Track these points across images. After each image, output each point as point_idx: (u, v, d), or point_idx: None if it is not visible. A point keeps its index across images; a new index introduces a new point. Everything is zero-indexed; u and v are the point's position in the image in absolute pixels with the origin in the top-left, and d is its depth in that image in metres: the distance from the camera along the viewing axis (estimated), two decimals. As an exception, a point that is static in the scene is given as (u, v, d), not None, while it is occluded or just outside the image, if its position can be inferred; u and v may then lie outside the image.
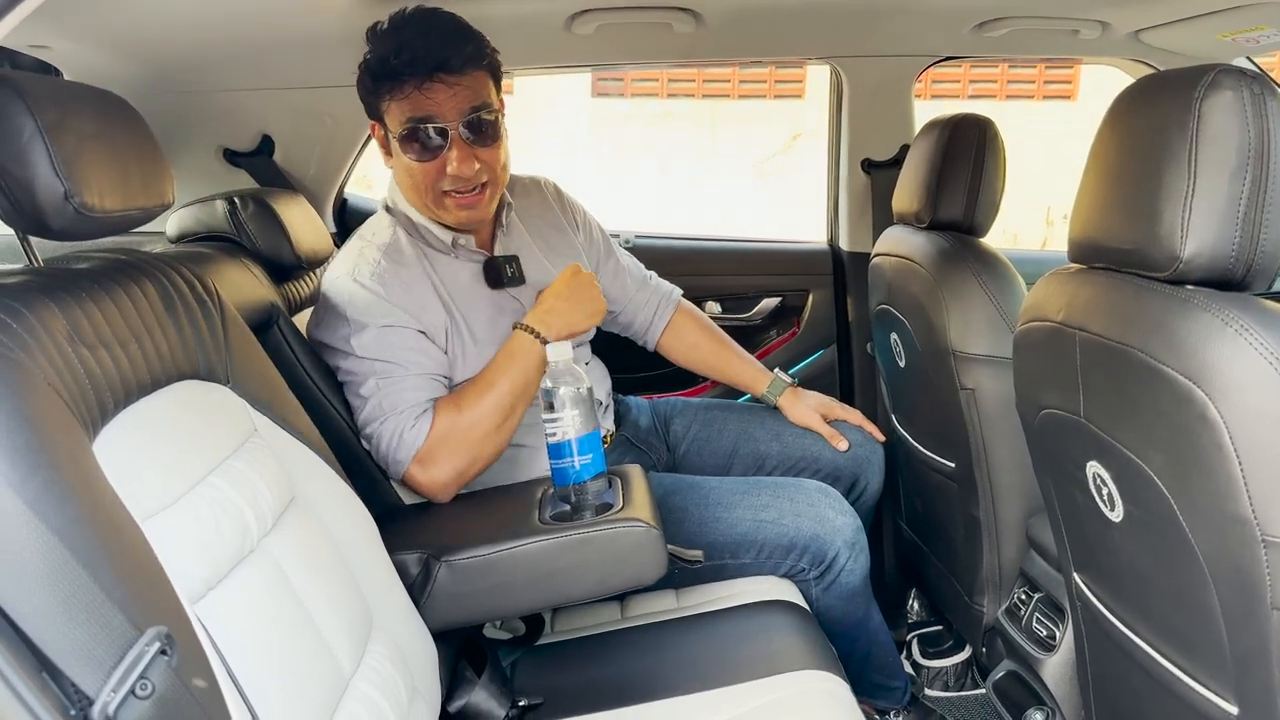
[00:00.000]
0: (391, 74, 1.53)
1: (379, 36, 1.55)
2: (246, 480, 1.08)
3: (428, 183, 1.59)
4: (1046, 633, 1.57)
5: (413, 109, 1.54)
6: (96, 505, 0.81)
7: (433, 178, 1.58)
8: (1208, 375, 0.91)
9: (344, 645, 1.13)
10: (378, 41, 1.55)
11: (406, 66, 1.51)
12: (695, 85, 11.73)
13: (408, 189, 1.65)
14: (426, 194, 1.61)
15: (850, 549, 1.69)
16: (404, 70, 1.51)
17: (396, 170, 1.66)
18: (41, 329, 0.89)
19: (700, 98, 11.76)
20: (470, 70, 1.54)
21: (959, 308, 1.68)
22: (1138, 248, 1.02)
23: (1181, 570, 1.01)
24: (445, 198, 1.60)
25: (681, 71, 11.52)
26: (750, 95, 11.83)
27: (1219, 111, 0.95)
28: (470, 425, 1.55)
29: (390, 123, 1.58)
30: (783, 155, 10.66)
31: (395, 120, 1.57)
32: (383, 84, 1.55)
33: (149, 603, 0.80)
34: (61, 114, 0.93)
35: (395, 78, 1.53)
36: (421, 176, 1.59)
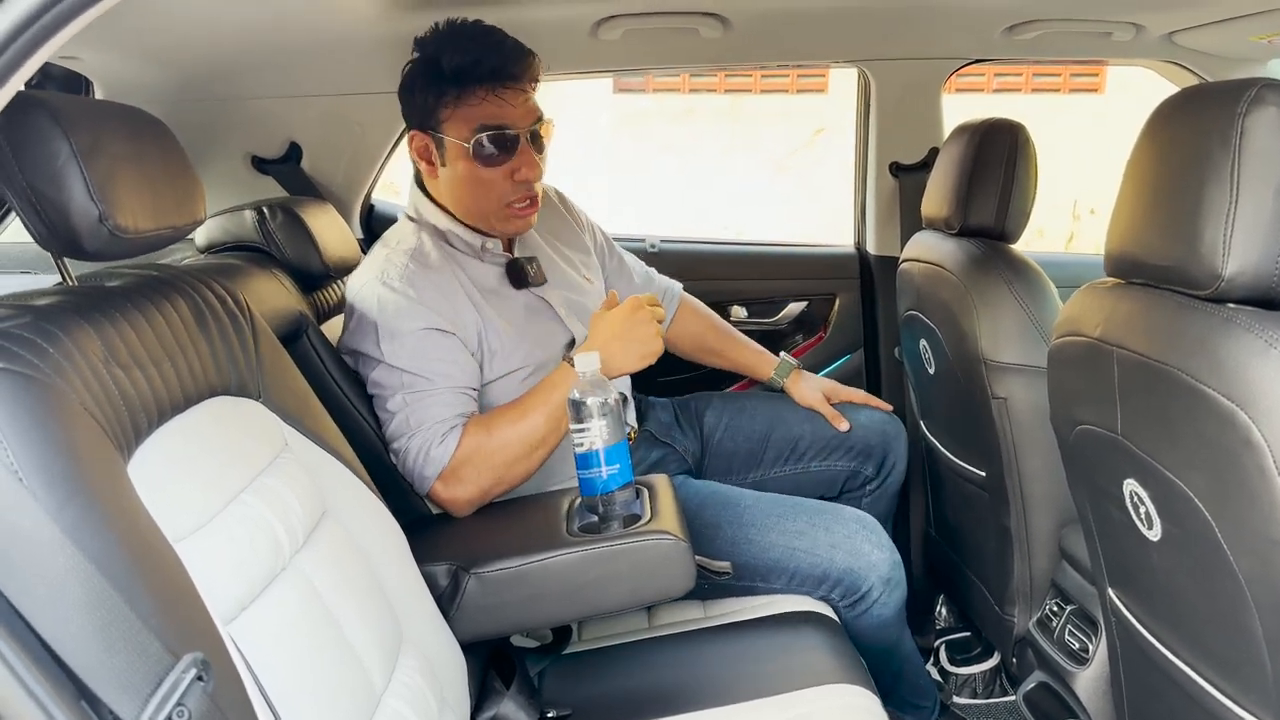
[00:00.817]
0: (464, 79, 1.56)
1: (441, 43, 1.58)
2: (278, 496, 1.08)
3: (497, 192, 1.62)
4: (1079, 645, 1.55)
5: (485, 116, 1.58)
6: (132, 530, 0.82)
7: (502, 186, 1.62)
8: (1252, 398, 0.89)
9: (375, 659, 1.13)
10: (441, 49, 1.57)
11: (488, 74, 1.56)
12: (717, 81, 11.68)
13: (467, 200, 1.66)
14: (493, 204, 1.64)
15: (885, 585, 1.66)
16: (485, 78, 1.56)
17: (450, 181, 1.66)
18: (77, 352, 0.89)
19: (723, 93, 11.71)
20: (531, 83, 1.63)
21: (990, 315, 1.66)
22: (1178, 264, 1.00)
23: (1222, 592, 0.99)
24: (507, 208, 1.64)
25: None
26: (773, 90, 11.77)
27: (1263, 126, 0.93)
28: (497, 449, 1.55)
29: (451, 130, 1.60)
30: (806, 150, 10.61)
31: (460, 127, 1.59)
32: (450, 90, 1.58)
33: (185, 628, 0.81)
34: (95, 136, 0.93)
35: (467, 84, 1.57)
36: (490, 185, 1.62)
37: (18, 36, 0.70)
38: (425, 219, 1.70)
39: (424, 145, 1.65)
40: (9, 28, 0.69)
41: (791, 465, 2.01)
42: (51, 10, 0.75)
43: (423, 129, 1.64)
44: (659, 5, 1.81)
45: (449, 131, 1.61)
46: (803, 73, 11.70)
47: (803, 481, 1.99)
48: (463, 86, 1.57)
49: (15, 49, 0.70)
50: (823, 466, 2.00)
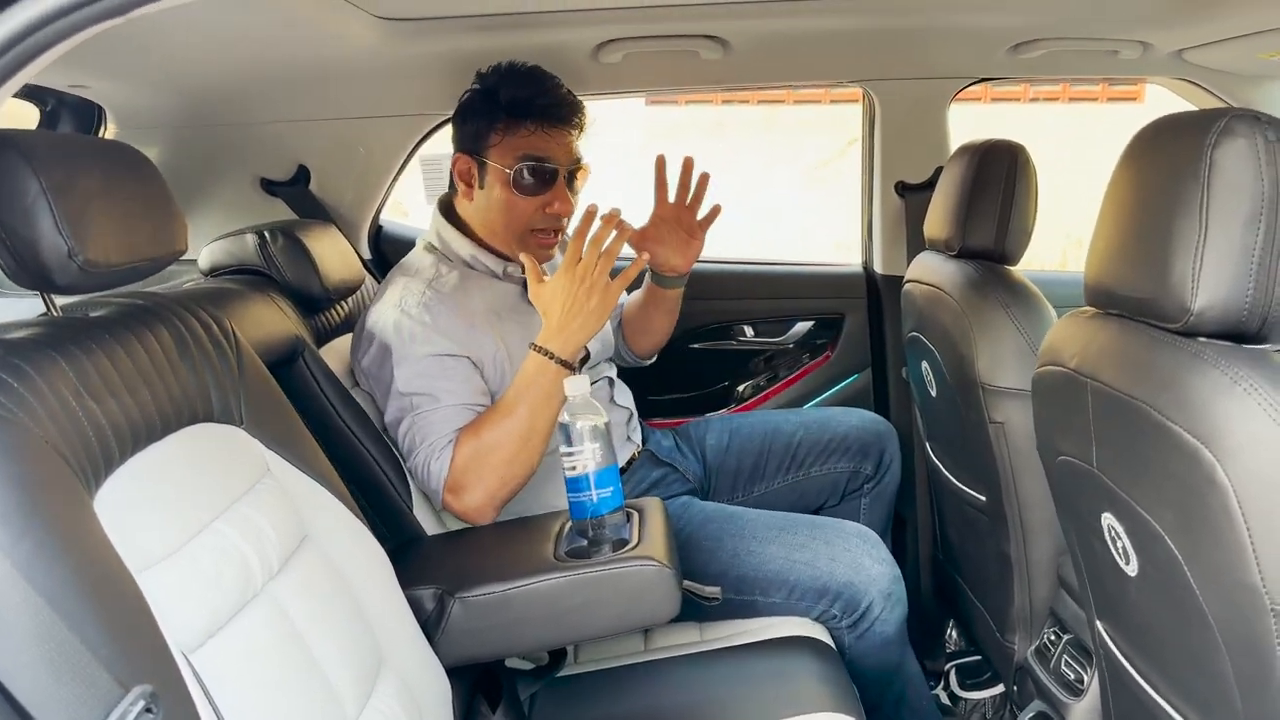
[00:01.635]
0: (530, 112, 1.67)
1: (504, 79, 1.69)
2: (253, 525, 1.09)
3: (524, 218, 1.70)
4: (1074, 676, 1.53)
5: (531, 148, 1.67)
6: (89, 563, 0.83)
7: (531, 213, 1.70)
8: (1216, 436, 0.87)
9: (349, 686, 1.14)
10: (504, 83, 1.68)
11: (550, 109, 1.67)
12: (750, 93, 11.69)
13: (496, 221, 1.72)
14: (516, 228, 1.71)
15: (886, 600, 1.66)
16: (536, 113, 1.67)
17: (483, 203, 1.73)
18: (46, 386, 0.91)
19: (755, 104, 11.70)
20: (578, 129, 1.74)
21: (987, 339, 1.64)
22: (1150, 297, 0.98)
23: (1195, 632, 0.97)
24: (530, 235, 1.71)
25: (737, 78, 11.49)
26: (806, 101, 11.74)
27: (1232, 159, 0.92)
28: (491, 449, 1.57)
29: (496, 157, 1.68)
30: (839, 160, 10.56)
31: (506, 155, 1.68)
32: (502, 119, 1.67)
33: (137, 660, 0.82)
34: (66, 173, 0.95)
35: (528, 116, 1.67)
36: (520, 210, 1.69)
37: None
38: (449, 246, 1.76)
39: (467, 168, 1.73)
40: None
41: (793, 474, 2.03)
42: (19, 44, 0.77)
43: (469, 153, 1.72)
44: (659, 29, 1.82)
45: (494, 157, 1.69)
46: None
47: (807, 489, 2.02)
48: (514, 117, 1.67)
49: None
50: (823, 470, 2.04)
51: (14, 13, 0.68)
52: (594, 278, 1.54)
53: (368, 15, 1.64)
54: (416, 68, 1.90)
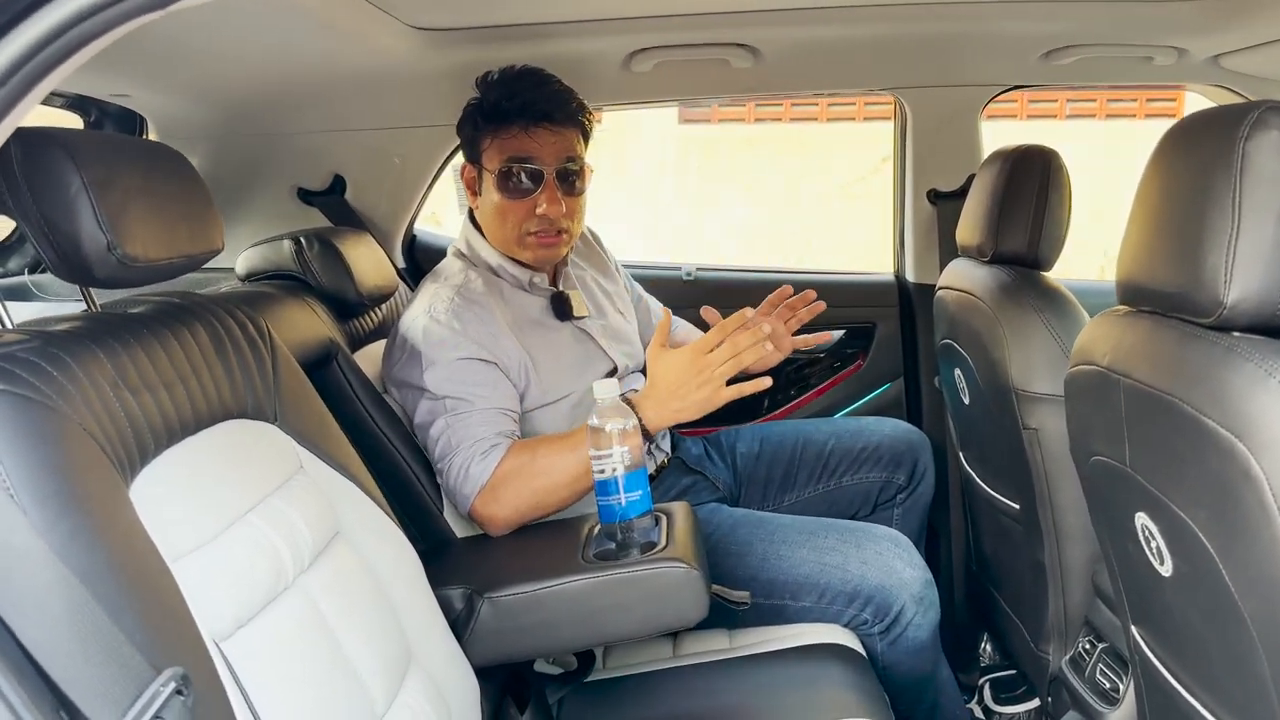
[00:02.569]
0: (501, 116, 1.67)
1: (491, 84, 1.70)
2: (285, 519, 1.11)
3: (516, 220, 1.70)
4: (1110, 685, 1.50)
5: (514, 149, 1.67)
6: (123, 548, 0.85)
7: (521, 216, 1.69)
8: (1251, 430, 0.86)
9: (378, 681, 1.14)
10: (490, 89, 1.69)
11: (518, 111, 1.66)
12: (783, 109, 11.69)
13: (494, 227, 1.73)
14: (511, 231, 1.71)
15: (918, 604, 1.64)
16: (514, 114, 1.66)
17: (483, 209, 1.74)
18: (84, 376, 0.93)
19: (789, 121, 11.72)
20: (569, 126, 1.71)
21: (1021, 345, 1.63)
22: (1181, 292, 0.97)
23: (1231, 634, 0.96)
24: (527, 237, 1.71)
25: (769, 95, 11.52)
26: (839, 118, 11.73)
27: (1265, 151, 0.91)
28: (540, 472, 1.57)
29: (488, 161, 1.70)
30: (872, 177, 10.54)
31: (494, 158, 1.69)
32: (489, 125, 1.69)
33: (169, 644, 0.83)
34: (108, 169, 0.98)
35: (504, 119, 1.67)
36: (511, 213, 1.69)
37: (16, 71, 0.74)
38: (477, 253, 1.78)
39: (471, 177, 1.76)
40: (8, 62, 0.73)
41: (824, 483, 2.02)
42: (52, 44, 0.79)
43: (471, 161, 1.75)
44: (690, 38, 1.83)
45: (486, 162, 1.71)
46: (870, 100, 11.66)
47: (838, 498, 2.01)
48: (500, 122, 1.68)
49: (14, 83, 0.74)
50: (855, 480, 2.02)
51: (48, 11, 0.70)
52: (714, 373, 1.50)
53: (402, 25, 1.67)
54: (449, 77, 1.92)
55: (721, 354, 1.49)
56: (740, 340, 1.49)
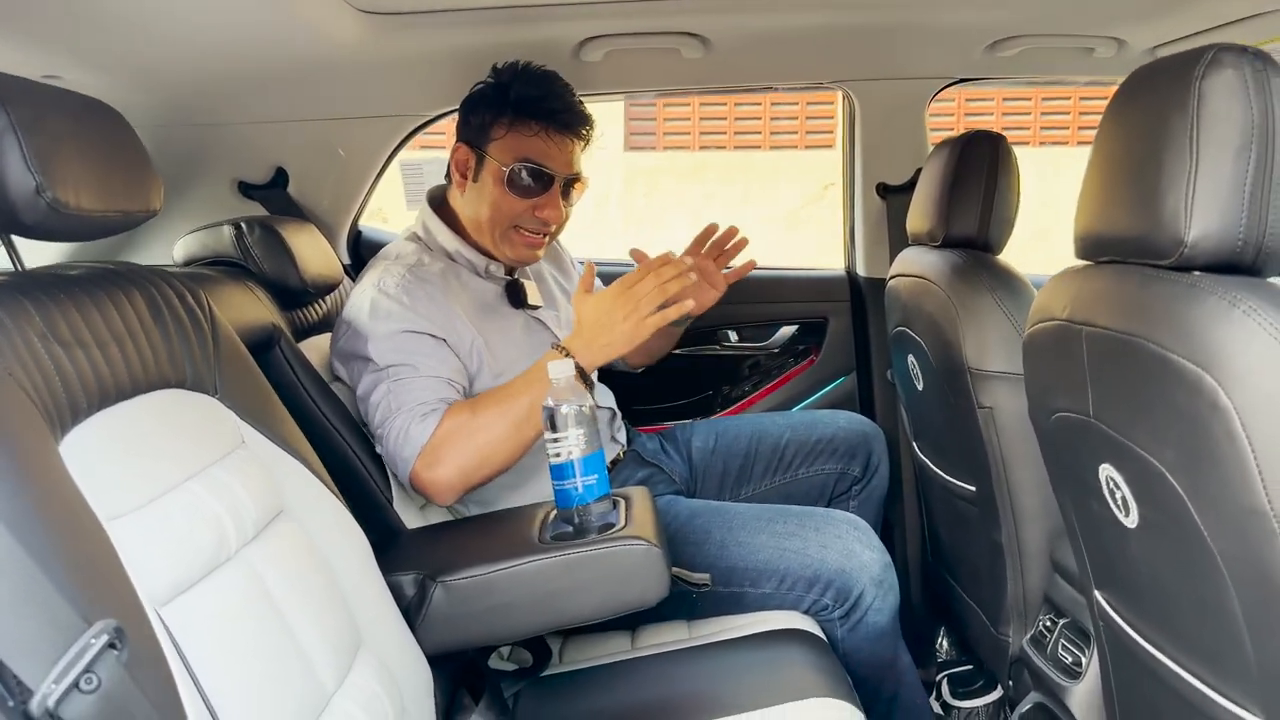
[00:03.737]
0: (537, 114, 1.66)
1: (518, 76, 1.69)
2: (227, 488, 1.05)
3: (510, 216, 1.69)
4: (1072, 659, 1.49)
5: (533, 150, 1.66)
6: (53, 499, 0.79)
7: (518, 213, 1.69)
8: (1217, 360, 0.86)
9: (327, 661, 1.09)
10: (517, 80, 1.68)
11: (548, 114, 1.67)
12: (727, 138, 11.84)
13: (482, 215, 1.71)
14: (500, 224, 1.70)
15: (878, 587, 1.63)
16: (554, 117, 1.67)
17: (473, 196, 1.71)
18: (11, 325, 0.88)
19: (732, 149, 11.85)
20: (580, 139, 1.73)
21: (974, 324, 1.63)
22: (1142, 235, 0.98)
23: (1200, 576, 0.95)
24: (515, 232, 1.70)
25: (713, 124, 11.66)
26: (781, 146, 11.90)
27: (1220, 90, 0.91)
28: (480, 427, 1.53)
29: (497, 152, 1.67)
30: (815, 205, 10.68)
31: (506, 152, 1.67)
32: (508, 115, 1.67)
33: (103, 599, 0.78)
34: (36, 112, 0.93)
35: (535, 117, 1.66)
36: (508, 209, 1.68)
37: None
38: (434, 238, 1.75)
39: (465, 159, 1.72)
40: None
41: (780, 476, 2.01)
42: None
43: (470, 144, 1.71)
44: (640, 25, 1.82)
45: (493, 152, 1.68)
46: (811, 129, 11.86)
47: (793, 491, 2.00)
48: (520, 116, 1.67)
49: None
50: (810, 473, 2.01)
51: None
52: (639, 304, 1.51)
53: (350, 8, 1.63)
54: (397, 66, 1.89)
55: (645, 284, 1.52)
56: (664, 271, 1.52)
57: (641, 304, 1.51)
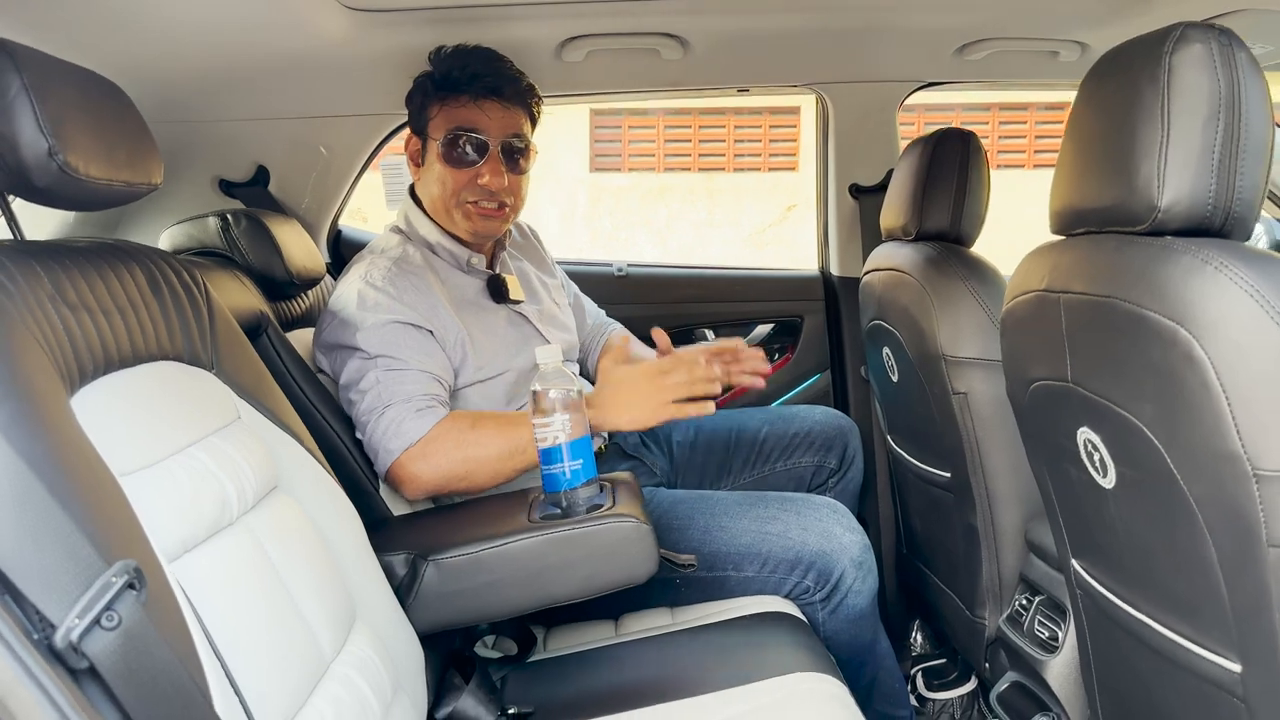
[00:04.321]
0: (452, 85, 1.69)
1: (444, 57, 1.72)
2: (228, 457, 1.07)
3: (456, 189, 1.71)
4: (1049, 634, 1.53)
5: (461, 120, 1.69)
6: (69, 446, 0.80)
7: (462, 185, 1.70)
8: (1191, 314, 0.91)
9: (325, 629, 1.10)
10: (442, 60, 1.72)
11: (468, 81, 1.69)
12: (691, 160, 11.95)
13: (434, 196, 1.74)
14: (451, 199, 1.72)
15: (858, 569, 1.66)
16: (465, 84, 1.69)
17: (426, 179, 1.75)
18: (24, 284, 0.89)
19: (696, 171, 11.96)
20: (517, 104, 1.74)
21: (949, 313, 1.68)
22: (1117, 203, 1.02)
23: (1177, 527, 0.99)
24: (466, 206, 1.72)
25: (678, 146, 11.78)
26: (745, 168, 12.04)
27: (1189, 64, 0.97)
28: (475, 441, 1.55)
29: (434, 130, 1.71)
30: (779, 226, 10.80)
31: (440, 127, 1.70)
32: (438, 94, 1.70)
33: (120, 541, 0.79)
34: (46, 78, 0.94)
35: (454, 89, 1.69)
36: (452, 182, 1.70)
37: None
38: (416, 230, 1.77)
39: (416, 148, 1.76)
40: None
41: (759, 469, 2.04)
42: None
43: (415, 131, 1.75)
44: (620, 25, 1.86)
45: (431, 131, 1.72)
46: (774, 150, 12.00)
47: (771, 483, 2.04)
48: (449, 91, 1.70)
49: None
50: (788, 465, 2.04)
51: None
52: (665, 393, 1.56)
53: (337, 4, 1.65)
54: (380, 65, 1.91)
55: (678, 377, 1.57)
56: (696, 371, 1.58)
57: (668, 393, 1.56)
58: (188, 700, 0.77)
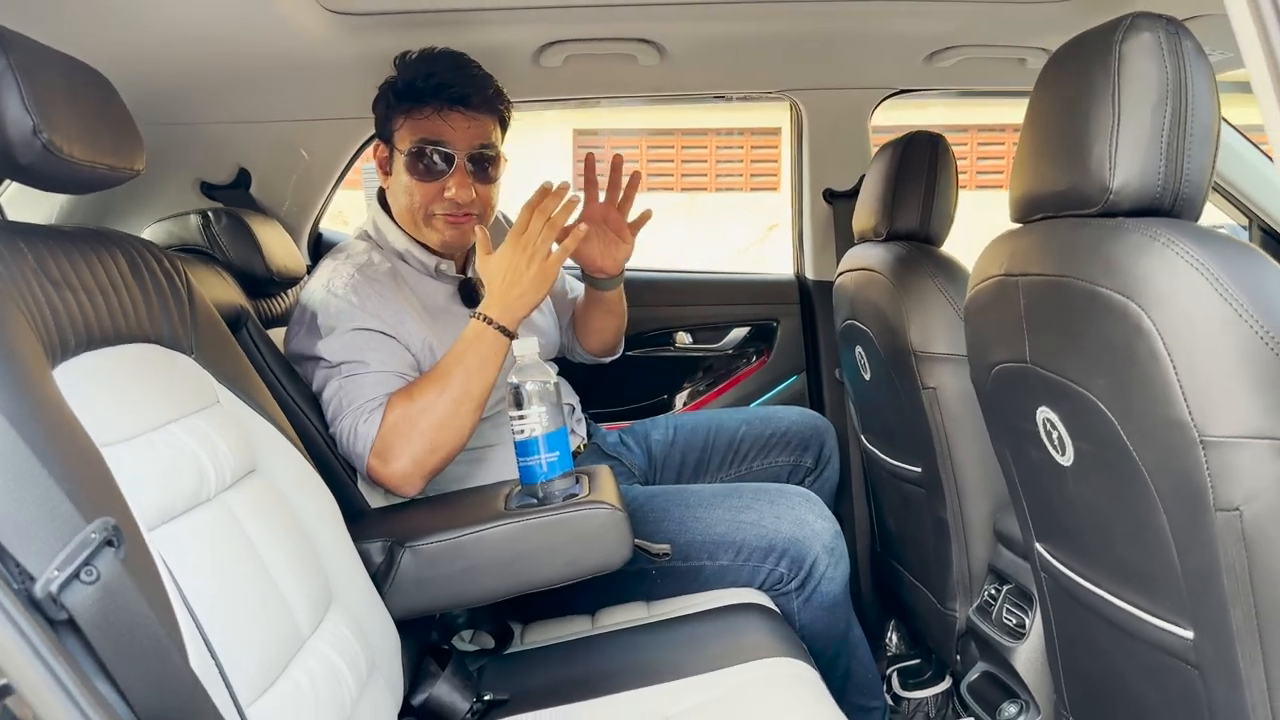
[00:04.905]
0: (415, 96, 1.66)
1: (409, 63, 1.69)
2: (206, 436, 1.08)
3: (424, 201, 1.69)
4: (1016, 621, 1.56)
5: (426, 131, 1.66)
6: (51, 408, 0.82)
7: (430, 198, 1.69)
8: (1141, 288, 0.94)
9: (302, 607, 1.12)
10: (407, 67, 1.69)
11: (432, 92, 1.65)
12: (674, 180, 12.05)
13: (402, 206, 1.72)
14: (419, 212, 1.70)
15: (830, 554, 1.69)
16: (429, 95, 1.65)
17: (393, 188, 1.73)
18: (9, 257, 0.91)
19: (679, 191, 12.05)
20: (485, 112, 1.70)
21: (919, 309, 1.71)
22: (1071, 186, 1.06)
23: (1131, 499, 1.02)
24: (434, 219, 1.70)
25: (660, 165, 11.87)
26: (727, 189, 12.14)
27: (1138, 51, 1.01)
28: (422, 411, 1.54)
29: (399, 141, 1.69)
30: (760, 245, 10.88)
31: (405, 139, 1.68)
32: (403, 103, 1.68)
33: (99, 501, 0.81)
34: (32, 59, 0.97)
35: (418, 100, 1.66)
36: (420, 195, 1.69)
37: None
38: (384, 236, 1.77)
39: (383, 155, 1.75)
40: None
41: (736, 467, 2.07)
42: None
43: (382, 139, 1.74)
44: (598, 31, 1.90)
45: (397, 142, 1.71)
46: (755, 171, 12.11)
47: (748, 482, 2.05)
48: (413, 102, 1.67)
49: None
50: (765, 464, 2.07)
51: None
52: (535, 246, 1.54)
53: (319, 7, 1.68)
54: (360, 67, 1.93)
55: (534, 225, 1.55)
56: (548, 205, 1.56)
57: (539, 246, 1.55)
58: (164, 657, 0.78)
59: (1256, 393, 0.88)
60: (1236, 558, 0.91)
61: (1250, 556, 0.91)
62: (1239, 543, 0.91)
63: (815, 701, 1.34)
